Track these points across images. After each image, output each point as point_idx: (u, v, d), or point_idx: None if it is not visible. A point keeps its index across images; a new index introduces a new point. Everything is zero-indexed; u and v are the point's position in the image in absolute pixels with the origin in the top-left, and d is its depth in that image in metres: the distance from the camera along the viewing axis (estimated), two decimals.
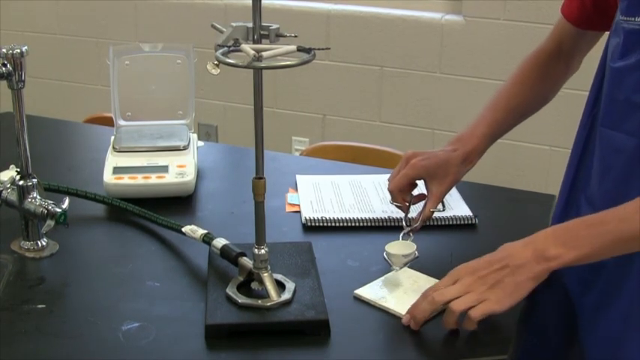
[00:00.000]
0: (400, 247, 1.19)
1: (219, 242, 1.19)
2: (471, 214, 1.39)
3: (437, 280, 1.11)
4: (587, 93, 1.19)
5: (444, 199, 1.32)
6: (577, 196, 1.19)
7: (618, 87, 1.08)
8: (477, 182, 1.59)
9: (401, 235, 1.25)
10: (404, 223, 1.29)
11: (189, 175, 1.45)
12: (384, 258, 1.18)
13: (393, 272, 1.18)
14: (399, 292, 1.14)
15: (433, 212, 1.28)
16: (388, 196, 1.46)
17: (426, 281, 1.17)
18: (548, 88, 1.35)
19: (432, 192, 1.29)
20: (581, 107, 1.20)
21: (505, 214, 1.46)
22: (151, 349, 1.02)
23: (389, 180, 1.32)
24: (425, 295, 1.04)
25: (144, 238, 1.32)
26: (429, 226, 1.35)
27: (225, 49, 1.00)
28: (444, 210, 1.32)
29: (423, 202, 1.31)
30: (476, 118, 1.34)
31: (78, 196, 1.38)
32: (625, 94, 1.07)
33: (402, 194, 1.30)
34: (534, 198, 1.51)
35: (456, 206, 1.42)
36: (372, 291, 1.14)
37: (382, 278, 1.17)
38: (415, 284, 1.16)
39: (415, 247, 1.19)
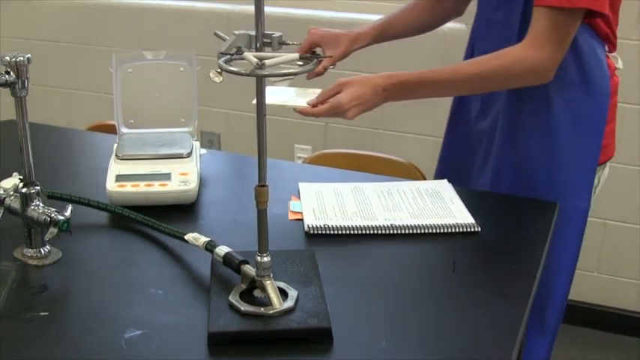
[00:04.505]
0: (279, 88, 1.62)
1: (222, 250, 1.18)
2: (472, 221, 1.39)
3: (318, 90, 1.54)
4: None
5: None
6: None
7: None
8: (478, 189, 1.59)
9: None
10: None
11: (192, 183, 1.45)
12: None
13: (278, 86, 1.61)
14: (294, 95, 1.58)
15: (325, 70, 1.62)
16: (392, 204, 1.47)
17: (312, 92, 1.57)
18: (434, 18, 1.80)
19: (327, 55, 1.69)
20: None
21: (507, 221, 1.46)
22: (154, 356, 1.01)
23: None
24: (333, 110, 1.48)
25: (146, 246, 1.32)
26: (431, 234, 1.36)
27: (228, 57, 1.00)
28: (333, 68, 1.66)
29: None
30: None
31: (81, 204, 1.38)
32: None
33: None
34: (536, 205, 1.51)
35: (458, 213, 1.42)
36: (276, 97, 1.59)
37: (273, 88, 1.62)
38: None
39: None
